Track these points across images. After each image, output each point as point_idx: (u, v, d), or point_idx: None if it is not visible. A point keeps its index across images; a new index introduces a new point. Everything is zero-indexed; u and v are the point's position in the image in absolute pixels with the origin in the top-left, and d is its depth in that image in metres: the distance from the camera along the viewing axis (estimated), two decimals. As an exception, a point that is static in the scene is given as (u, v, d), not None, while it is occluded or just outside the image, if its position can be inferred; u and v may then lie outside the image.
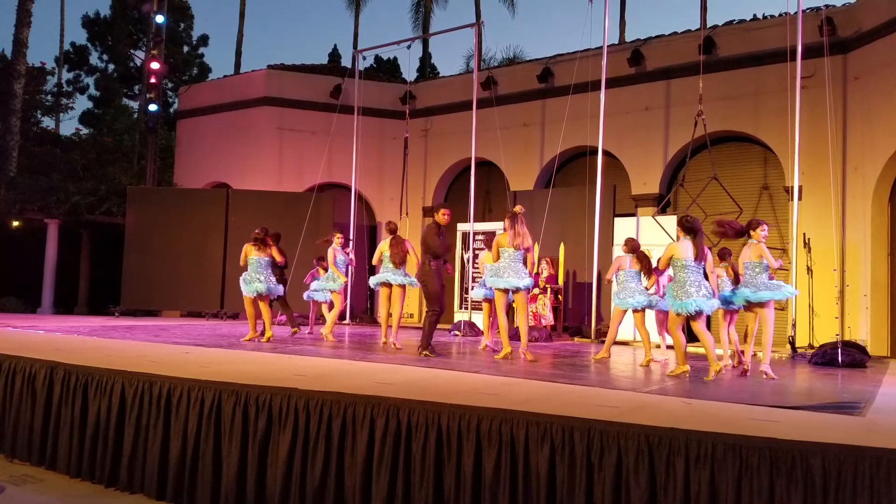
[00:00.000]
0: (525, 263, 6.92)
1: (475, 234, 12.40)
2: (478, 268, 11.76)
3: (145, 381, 4.84)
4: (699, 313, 5.65)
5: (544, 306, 10.41)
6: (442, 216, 7.21)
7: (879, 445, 3.06)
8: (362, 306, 14.36)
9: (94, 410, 5.02)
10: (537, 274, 10.84)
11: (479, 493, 3.68)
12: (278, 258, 8.37)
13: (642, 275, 7.03)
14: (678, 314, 5.73)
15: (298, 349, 7.34)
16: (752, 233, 6.14)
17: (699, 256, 5.70)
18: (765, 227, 6.15)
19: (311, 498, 4.07)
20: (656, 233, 10.54)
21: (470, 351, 7.98)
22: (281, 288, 8.52)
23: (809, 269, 9.84)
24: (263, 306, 8.22)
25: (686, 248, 5.72)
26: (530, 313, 10.36)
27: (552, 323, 10.54)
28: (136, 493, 4.76)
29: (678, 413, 3.93)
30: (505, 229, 6.95)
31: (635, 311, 7.10)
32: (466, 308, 12.25)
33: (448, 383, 4.93)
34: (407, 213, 13.56)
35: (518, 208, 7.05)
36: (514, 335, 7.34)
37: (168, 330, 9.66)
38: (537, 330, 10.08)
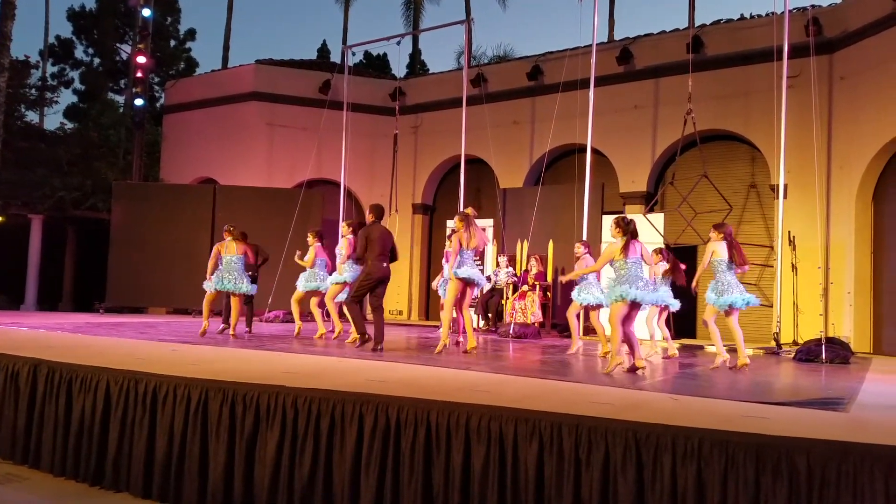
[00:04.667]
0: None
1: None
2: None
3: (131, 378, 4.80)
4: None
5: (533, 303, 10.43)
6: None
7: (863, 441, 3.09)
8: None
9: (79, 408, 4.97)
10: (526, 271, 10.86)
11: (468, 490, 3.68)
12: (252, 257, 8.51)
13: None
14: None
15: (287, 347, 7.30)
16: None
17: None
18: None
19: (300, 496, 4.06)
20: (644, 230, 10.55)
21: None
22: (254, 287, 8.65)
23: (794, 267, 9.93)
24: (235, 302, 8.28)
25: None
26: (518, 310, 10.40)
27: (541, 320, 10.57)
28: (121, 491, 4.72)
29: (665, 409, 3.95)
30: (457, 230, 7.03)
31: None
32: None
33: (437, 380, 4.93)
34: (397, 210, 13.54)
35: (470, 210, 7.16)
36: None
37: (154, 327, 9.59)
38: (526, 327, 10.11)
